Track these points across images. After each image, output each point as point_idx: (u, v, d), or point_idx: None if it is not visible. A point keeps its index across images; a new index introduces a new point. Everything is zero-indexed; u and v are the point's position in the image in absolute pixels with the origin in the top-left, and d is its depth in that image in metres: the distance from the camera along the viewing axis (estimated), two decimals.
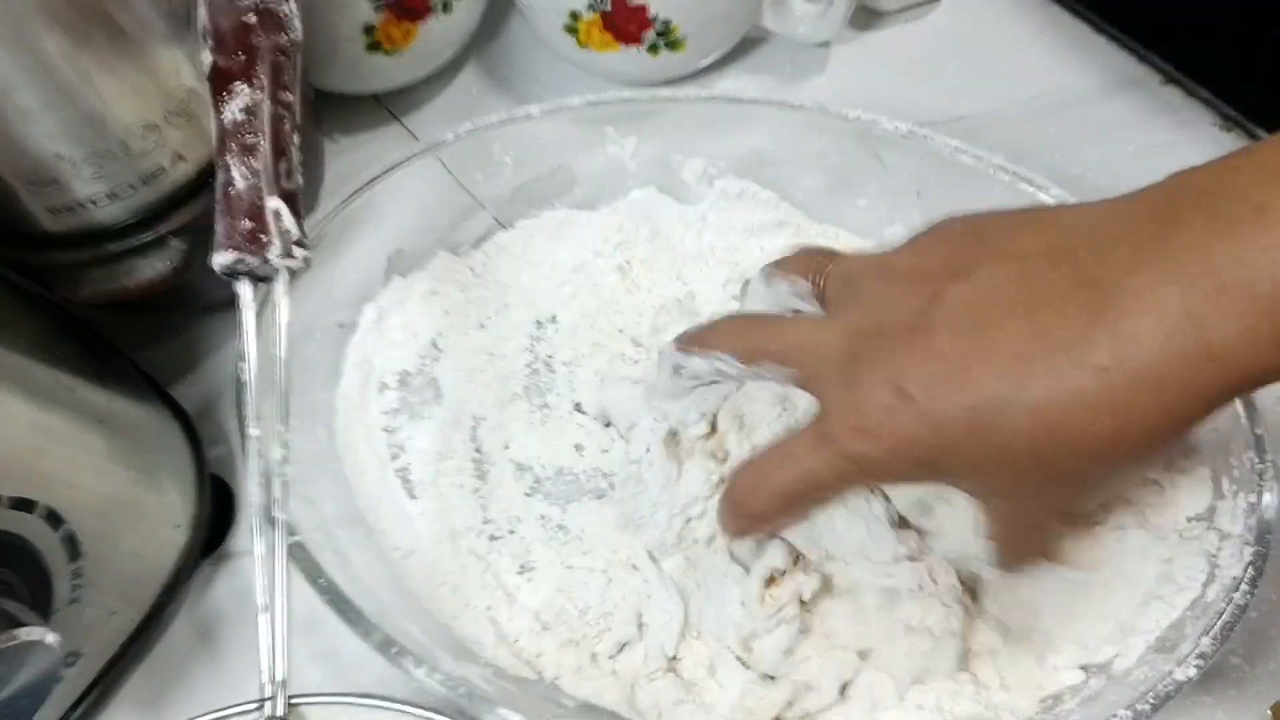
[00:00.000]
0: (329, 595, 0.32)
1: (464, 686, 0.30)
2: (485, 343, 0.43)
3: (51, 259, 0.38)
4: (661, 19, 0.48)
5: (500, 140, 0.44)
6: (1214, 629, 0.31)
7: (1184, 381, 0.24)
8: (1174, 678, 0.30)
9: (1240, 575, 0.32)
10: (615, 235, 0.45)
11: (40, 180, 0.35)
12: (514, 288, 0.45)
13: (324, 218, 0.40)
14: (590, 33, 0.49)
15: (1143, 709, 0.30)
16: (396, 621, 0.32)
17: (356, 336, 0.42)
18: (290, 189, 0.32)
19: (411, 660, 0.31)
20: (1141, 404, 0.25)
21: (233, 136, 0.32)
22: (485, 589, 0.37)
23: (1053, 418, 0.25)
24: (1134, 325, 0.24)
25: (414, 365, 0.42)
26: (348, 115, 0.53)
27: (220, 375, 0.46)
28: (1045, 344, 0.25)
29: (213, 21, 0.33)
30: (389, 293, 0.43)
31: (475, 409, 0.41)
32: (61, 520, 0.32)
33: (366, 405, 0.41)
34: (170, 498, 0.39)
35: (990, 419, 0.26)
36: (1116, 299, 0.25)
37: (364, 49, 0.49)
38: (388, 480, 0.39)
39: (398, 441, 0.41)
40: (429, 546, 0.38)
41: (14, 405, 0.31)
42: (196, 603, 0.40)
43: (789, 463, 0.30)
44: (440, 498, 0.39)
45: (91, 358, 0.38)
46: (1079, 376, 0.25)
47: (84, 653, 0.35)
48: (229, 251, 0.31)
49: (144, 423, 0.39)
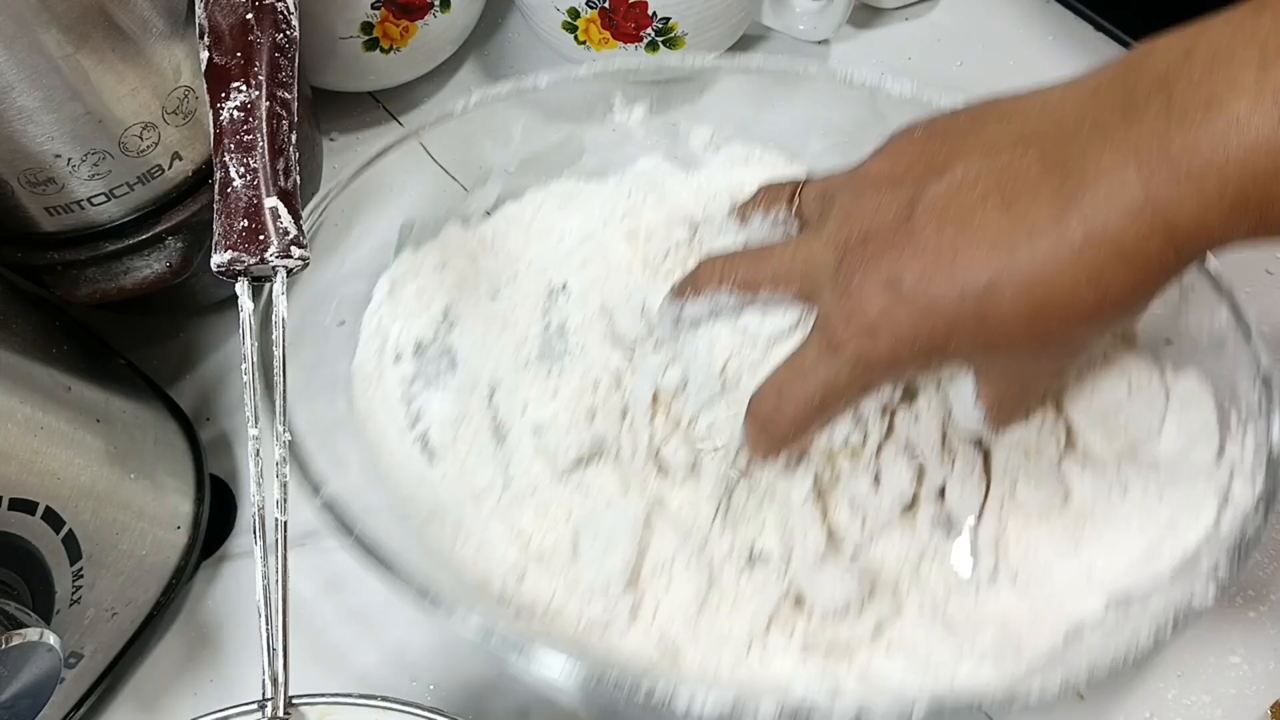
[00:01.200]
0: (362, 548, 0.32)
1: (498, 632, 0.31)
2: (498, 312, 0.44)
3: (49, 258, 0.38)
4: (661, 17, 0.47)
5: (509, 111, 0.44)
6: (1229, 554, 0.31)
7: (1150, 254, 0.27)
8: (1192, 604, 0.31)
9: (1253, 504, 0.32)
10: (623, 203, 0.46)
11: (38, 180, 0.35)
12: (524, 257, 0.45)
13: (335, 188, 0.40)
14: (589, 30, 0.49)
15: (1163, 635, 0.30)
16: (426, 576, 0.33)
17: (371, 308, 0.42)
18: (288, 188, 0.32)
19: (446, 608, 0.31)
20: (1116, 275, 0.27)
21: (230, 135, 0.32)
22: (509, 546, 0.37)
23: (1040, 291, 0.28)
24: (1103, 207, 0.27)
25: (429, 335, 0.43)
26: (346, 114, 0.53)
27: (219, 375, 0.46)
28: (1024, 227, 0.28)
29: (210, 20, 0.33)
30: (401, 264, 0.43)
31: (491, 376, 0.42)
32: (62, 521, 0.32)
33: (383, 375, 0.42)
34: (170, 498, 0.39)
35: (983, 300, 0.28)
36: (1085, 183, 0.27)
37: (362, 47, 0.49)
38: (407, 446, 0.40)
39: (416, 409, 0.41)
40: (451, 508, 0.38)
41: (12, 405, 0.31)
42: (196, 603, 0.40)
43: (802, 377, 0.32)
44: (460, 462, 0.40)
45: (90, 358, 0.38)
46: (1059, 254, 0.27)
47: (85, 653, 0.35)
48: (227, 251, 0.31)
49: (143, 423, 0.39)
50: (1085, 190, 0.27)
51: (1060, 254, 0.27)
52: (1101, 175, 0.27)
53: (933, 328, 0.29)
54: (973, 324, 0.29)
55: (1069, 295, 0.27)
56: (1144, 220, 0.26)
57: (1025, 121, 0.29)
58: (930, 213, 0.29)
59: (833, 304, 0.31)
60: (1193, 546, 0.33)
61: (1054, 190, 0.27)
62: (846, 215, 0.32)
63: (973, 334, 0.29)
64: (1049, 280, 0.27)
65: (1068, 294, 0.27)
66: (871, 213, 0.31)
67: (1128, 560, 0.35)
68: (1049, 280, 0.27)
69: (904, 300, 0.29)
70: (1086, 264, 0.27)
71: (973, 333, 0.29)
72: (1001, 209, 0.28)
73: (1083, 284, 0.27)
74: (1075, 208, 0.27)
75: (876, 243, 0.30)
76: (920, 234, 0.29)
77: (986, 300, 0.28)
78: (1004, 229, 0.28)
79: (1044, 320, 0.28)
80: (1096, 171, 0.27)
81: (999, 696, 0.29)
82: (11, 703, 0.28)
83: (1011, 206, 0.28)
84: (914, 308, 0.29)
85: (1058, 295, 0.27)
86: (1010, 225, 0.28)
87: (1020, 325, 0.28)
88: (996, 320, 0.28)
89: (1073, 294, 0.27)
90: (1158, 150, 0.26)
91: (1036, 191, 0.28)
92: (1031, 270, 0.27)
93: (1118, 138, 0.27)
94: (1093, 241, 0.27)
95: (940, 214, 0.29)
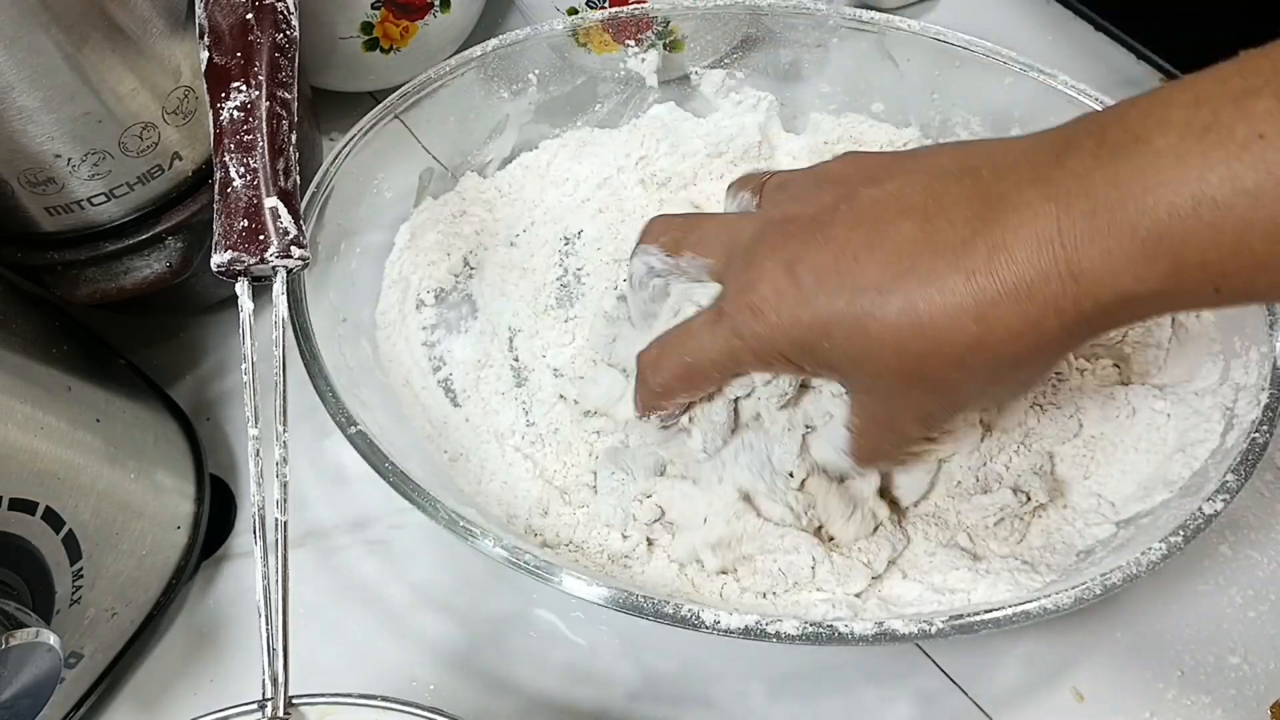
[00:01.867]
0: (395, 478, 0.33)
1: (529, 555, 0.32)
2: (516, 259, 0.45)
3: (49, 258, 0.38)
4: (661, 19, 0.47)
5: (525, 57, 0.45)
6: (1237, 467, 0.32)
7: (1046, 297, 0.25)
8: (1202, 511, 0.31)
9: (1259, 417, 0.33)
10: (637, 150, 0.47)
11: (38, 180, 0.35)
12: (540, 205, 0.47)
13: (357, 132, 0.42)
14: (589, 32, 0.49)
15: (1175, 541, 0.31)
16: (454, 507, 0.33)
17: (393, 256, 0.44)
18: (288, 188, 0.32)
19: (479, 532, 0.32)
20: (1004, 313, 0.26)
21: (230, 135, 0.32)
22: (532, 482, 0.39)
23: (920, 315, 0.27)
24: (1011, 238, 0.25)
25: (449, 282, 0.44)
26: (346, 114, 0.53)
27: (219, 375, 0.46)
28: (930, 246, 0.27)
29: (210, 19, 0.33)
30: (421, 214, 0.44)
31: (510, 321, 0.44)
32: (62, 521, 0.32)
33: (406, 321, 0.43)
34: (170, 498, 0.39)
35: (865, 308, 0.27)
36: (1002, 212, 0.26)
37: (362, 47, 0.49)
38: (431, 390, 0.41)
39: (438, 354, 0.43)
40: (475, 448, 0.40)
41: (12, 405, 0.31)
42: (196, 603, 0.40)
43: (686, 339, 0.32)
44: (483, 403, 0.41)
45: (90, 358, 0.38)
46: (952, 279, 0.26)
47: (85, 653, 0.35)
48: (227, 251, 0.31)
49: (143, 423, 0.39)
50: (999, 219, 0.26)
51: (955, 278, 0.26)
52: (1019, 207, 0.26)
53: (812, 322, 0.29)
54: (850, 330, 0.28)
55: (950, 325, 0.26)
56: (1046, 256, 0.25)
57: (974, 157, 0.29)
58: (851, 213, 0.29)
59: (735, 275, 0.31)
60: (1200, 464, 0.34)
61: (971, 216, 0.27)
62: (786, 203, 0.33)
63: (847, 341, 0.28)
64: (934, 303, 0.26)
65: (949, 323, 0.26)
66: (806, 203, 0.31)
67: (1137, 482, 0.36)
68: (934, 303, 0.26)
69: (795, 286, 0.29)
70: (975, 293, 0.26)
71: (847, 340, 0.28)
72: (918, 223, 0.27)
73: (967, 315, 0.26)
74: (984, 234, 0.26)
75: (794, 227, 0.30)
76: (832, 229, 0.29)
77: (870, 308, 0.27)
78: (911, 243, 0.27)
79: (919, 346, 0.27)
80: (1016, 203, 0.26)
81: (1015, 612, 0.30)
82: (11, 703, 0.28)
83: (928, 223, 0.27)
84: (800, 297, 0.29)
85: (939, 322, 0.26)
86: (918, 241, 0.27)
87: (892, 345, 0.27)
88: (873, 332, 0.27)
89: (954, 325, 0.26)
90: (1079, 184, 0.25)
91: (954, 215, 0.27)
92: (922, 289, 0.27)
93: (1045, 173, 0.26)
94: (990, 270, 0.26)
95: (859, 216, 0.29)
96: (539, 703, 0.38)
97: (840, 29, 0.45)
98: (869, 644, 0.30)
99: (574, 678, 0.38)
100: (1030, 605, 0.30)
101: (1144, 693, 0.36)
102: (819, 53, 0.46)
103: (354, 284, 0.42)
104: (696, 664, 0.38)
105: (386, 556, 0.41)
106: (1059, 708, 0.36)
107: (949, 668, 0.37)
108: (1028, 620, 0.30)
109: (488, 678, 0.38)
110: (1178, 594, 0.38)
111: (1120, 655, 0.37)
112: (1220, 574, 0.38)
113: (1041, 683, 0.37)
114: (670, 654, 0.38)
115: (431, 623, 0.39)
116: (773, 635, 0.30)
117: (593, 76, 0.47)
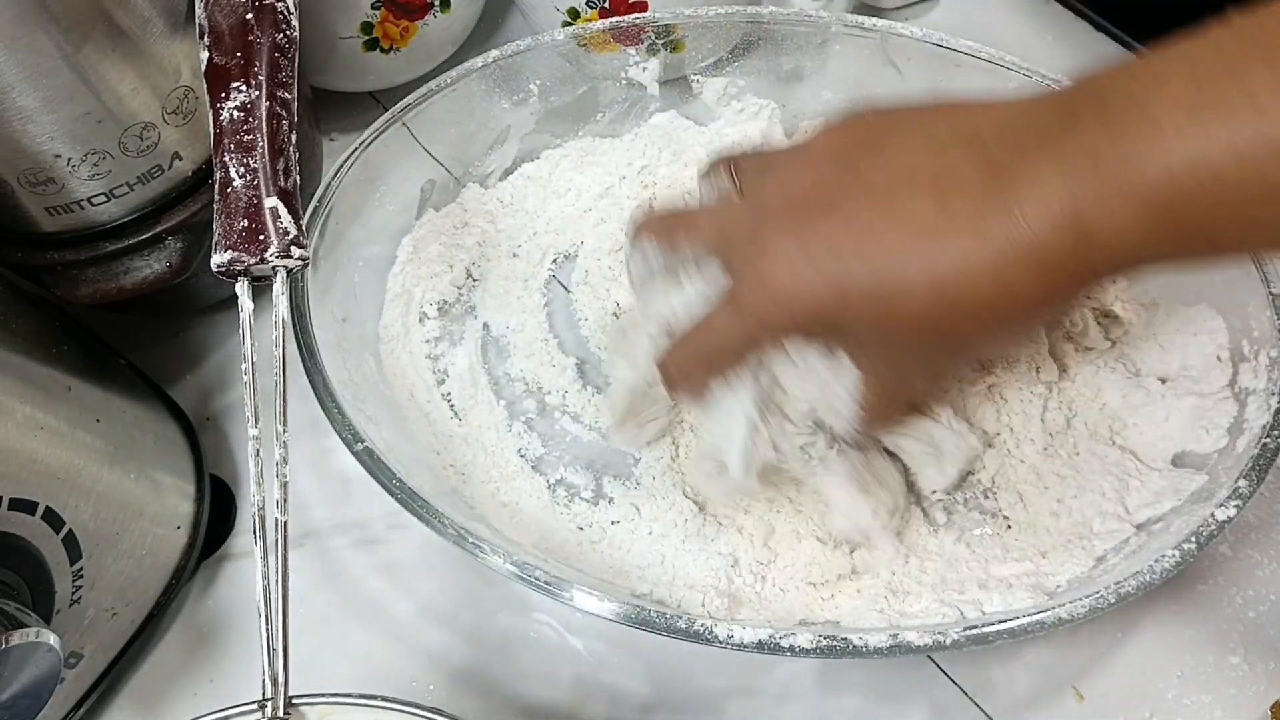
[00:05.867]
0: (403, 495, 0.33)
1: (538, 571, 0.32)
2: (518, 270, 0.45)
3: (49, 258, 0.38)
4: (661, 28, 0.47)
5: (526, 67, 0.45)
6: (1247, 470, 0.32)
7: (1061, 261, 0.27)
8: (1215, 518, 0.31)
9: (1270, 421, 0.33)
10: (639, 160, 0.47)
11: (38, 180, 0.35)
12: (542, 216, 0.47)
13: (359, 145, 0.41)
14: (590, 40, 0.49)
15: (1189, 549, 0.31)
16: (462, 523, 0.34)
17: (395, 269, 0.44)
18: (288, 188, 0.32)
19: (487, 548, 0.32)
20: (1022, 276, 0.27)
21: (230, 135, 0.32)
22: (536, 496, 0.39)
23: (940, 276, 0.28)
24: (1024, 208, 0.27)
25: (452, 294, 0.44)
26: (346, 114, 0.53)
27: (219, 375, 0.46)
28: (948, 221, 0.28)
29: (210, 19, 0.33)
30: (423, 226, 0.44)
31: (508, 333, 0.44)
32: (62, 521, 0.32)
33: (409, 335, 0.43)
34: (170, 498, 0.39)
35: (885, 274, 0.29)
36: (1013, 186, 0.27)
37: (362, 47, 0.49)
38: (435, 403, 0.41)
39: (441, 368, 0.43)
40: (481, 464, 0.40)
41: (12, 405, 0.31)
42: (196, 603, 0.40)
43: (710, 333, 0.33)
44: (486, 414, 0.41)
45: (90, 358, 0.38)
46: (969, 243, 0.28)
47: (85, 653, 0.35)
48: (227, 251, 0.31)
49: (143, 423, 0.39)
50: (1012, 193, 0.27)
51: (976, 251, 0.28)
52: (1030, 180, 0.27)
53: (836, 300, 0.30)
54: (876, 305, 0.29)
55: (971, 288, 0.28)
56: (1061, 226, 0.26)
57: (971, 124, 0.30)
58: (860, 192, 0.30)
59: (745, 265, 0.32)
60: (1211, 467, 0.34)
61: (983, 190, 0.28)
62: (778, 185, 0.33)
63: (873, 315, 0.30)
64: (957, 270, 0.28)
65: (970, 286, 0.28)
66: (803, 184, 0.32)
67: (1151, 488, 0.36)
68: (957, 270, 0.28)
69: (815, 268, 0.30)
70: (995, 259, 0.27)
71: (873, 314, 0.30)
72: (930, 200, 0.28)
73: (986, 278, 0.28)
74: (999, 208, 0.27)
75: (804, 210, 0.31)
76: (845, 209, 0.30)
77: (896, 284, 0.29)
78: (929, 219, 0.28)
79: (946, 314, 0.29)
80: (1026, 176, 0.27)
81: (1029, 621, 0.30)
82: (11, 703, 0.28)
83: (940, 199, 0.28)
84: (823, 277, 0.30)
85: (961, 285, 0.28)
86: (935, 217, 0.28)
87: (922, 316, 0.29)
88: (900, 305, 0.29)
89: (974, 287, 0.28)
90: (1087, 158, 0.26)
91: (967, 189, 0.28)
92: (944, 256, 0.28)
93: (1052, 145, 0.27)
94: (1008, 238, 0.27)
95: (869, 192, 0.30)
96: (539, 703, 0.37)
97: (841, 35, 0.45)
98: (883, 656, 0.30)
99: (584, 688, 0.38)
100: (1045, 615, 0.30)
101: (1144, 693, 0.36)
102: (820, 58, 0.46)
103: (357, 297, 0.42)
104: (708, 675, 0.37)
105: (387, 557, 0.41)
106: (1058, 708, 0.36)
107: (949, 668, 0.37)
108: (1042, 630, 0.30)
109: (489, 677, 0.38)
110: (1178, 594, 0.38)
111: (1120, 655, 0.37)
112: (1220, 574, 0.38)
113: (1041, 682, 0.37)
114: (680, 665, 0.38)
115: (432, 624, 0.39)
116: (786, 649, 0.30)
117: (594, 86, 0.47)
